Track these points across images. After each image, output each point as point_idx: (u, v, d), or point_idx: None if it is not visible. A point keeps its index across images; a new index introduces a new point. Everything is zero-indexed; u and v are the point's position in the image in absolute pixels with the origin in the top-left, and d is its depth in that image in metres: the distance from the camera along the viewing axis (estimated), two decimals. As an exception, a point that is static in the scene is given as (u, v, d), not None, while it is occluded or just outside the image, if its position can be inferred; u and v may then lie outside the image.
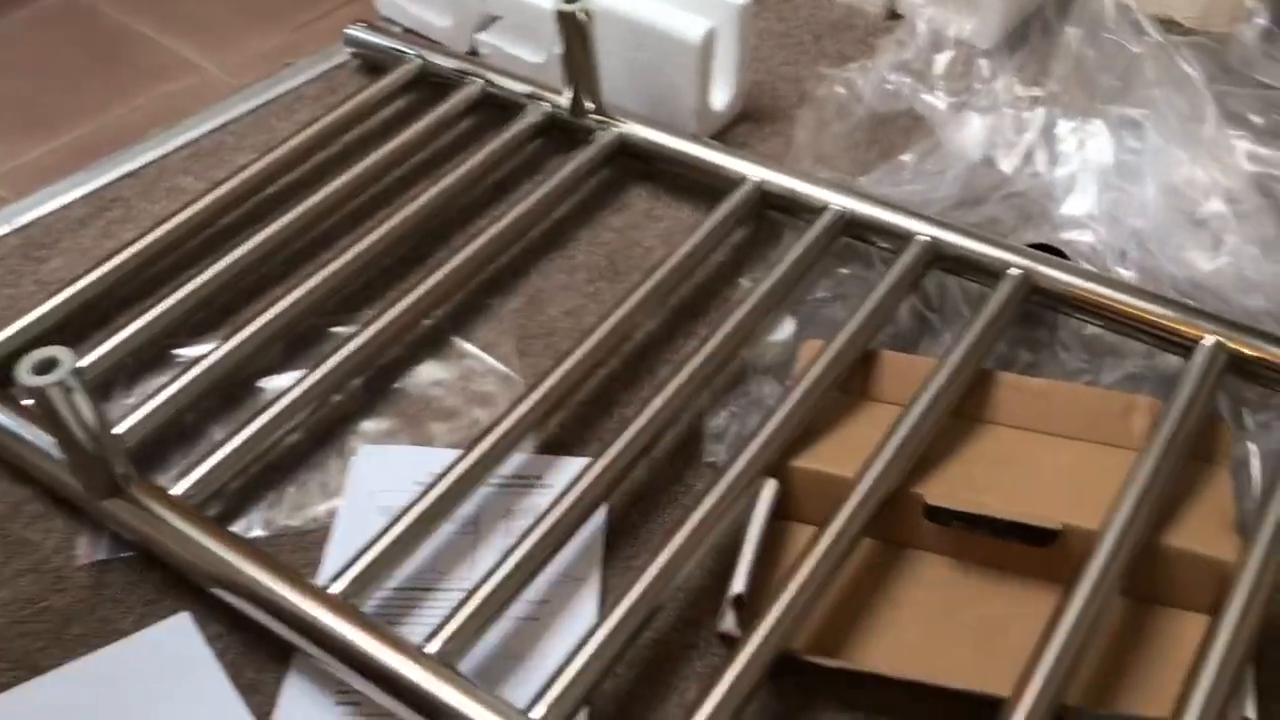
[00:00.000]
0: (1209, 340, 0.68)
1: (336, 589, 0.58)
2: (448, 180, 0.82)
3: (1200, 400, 0.66)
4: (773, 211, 0.82)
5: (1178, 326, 0.70)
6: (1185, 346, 0.69)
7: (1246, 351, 0.68)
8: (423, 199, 0.81)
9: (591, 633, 0.55)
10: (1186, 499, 0.63)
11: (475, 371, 0.73)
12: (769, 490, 0.64)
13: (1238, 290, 0.74)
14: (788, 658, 0.58)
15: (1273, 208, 0.80)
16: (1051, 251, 0.77)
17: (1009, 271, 0.73)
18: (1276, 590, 0.57)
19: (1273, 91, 0.89)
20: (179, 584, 0.62)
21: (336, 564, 0.60)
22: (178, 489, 0.63)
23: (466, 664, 0.57)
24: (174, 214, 0.80)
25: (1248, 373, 0.69)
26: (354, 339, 0.70)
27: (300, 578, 0.59)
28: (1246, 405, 0.70)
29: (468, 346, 0.75)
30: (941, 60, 0.91)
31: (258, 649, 0.60)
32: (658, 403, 0.66)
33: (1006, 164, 0.85)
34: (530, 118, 0.87)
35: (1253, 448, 0.67)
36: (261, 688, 0.59)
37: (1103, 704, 0.57)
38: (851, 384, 0.70)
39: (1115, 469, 0.63)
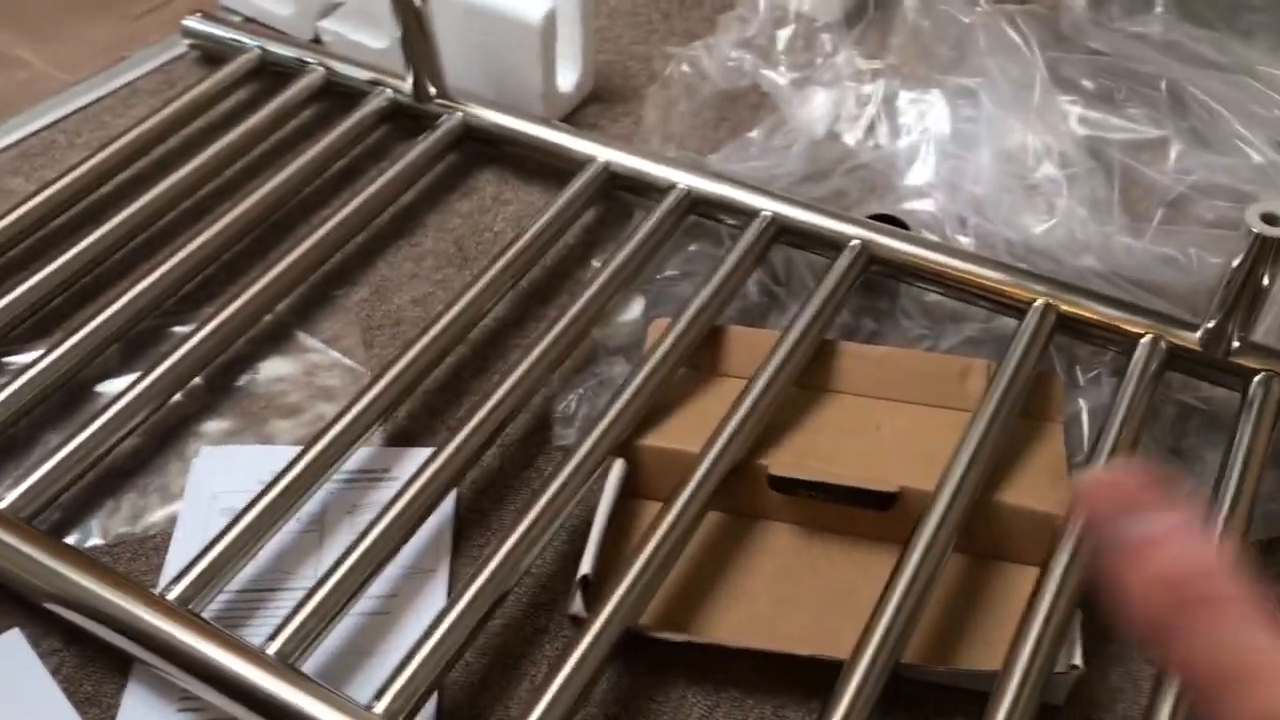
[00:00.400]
0: (1039, 301, 0.71)
1: (173, 595, 0.57)
2: (289, 171, 0.80)
3: (1031, 360, 0.68)
4: (622, 192, 0.82)
5: (1011, 290, 0.72)
6: (1018, 309, 0.71)
7: (1075, 311, 0.71)
8: (263, 190, 0.79)
9: (437, 622, 0.55)
10: (1020, 456, 0.66)
11: (320, 366, 0.72)
12: (617, 470, 0.64)
13: (1069, 251, 0.77)
14: (636, 635, 0.58)
15: (1103, 170, 0.83)
16: (893, 222, 0.79)
17: (849, 243, 0.74)
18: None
19: (1102, 57, 0.92)
20: (10, 599, 0.60)
21: (176, 570, 0.58)
22: (5, 501, 0.61)
23: (311, 663, 0.56)
24: (2, 216, 0.77)
25: (1077, 331, 0.71)
26: (193, 337, 0.69)
27: (136, 586, 0.57)
28: (1078, 363, 0.72)
29: (311, 341, 0.73)
30: (783, 35, 0.92)
31: (96, 661, 0.58)
32: (505, 388, 0.66)
33: (850, 137, 0.86)
34: (373, 105, 0.86)
35: (1083, 403, 0.70)
36: (100, 700, 0.57)
37: (940, 660, 0.58)
38: (700, 360, 0.71)
39: (953, 430, 0.65)
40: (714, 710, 0.58)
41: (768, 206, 0.77)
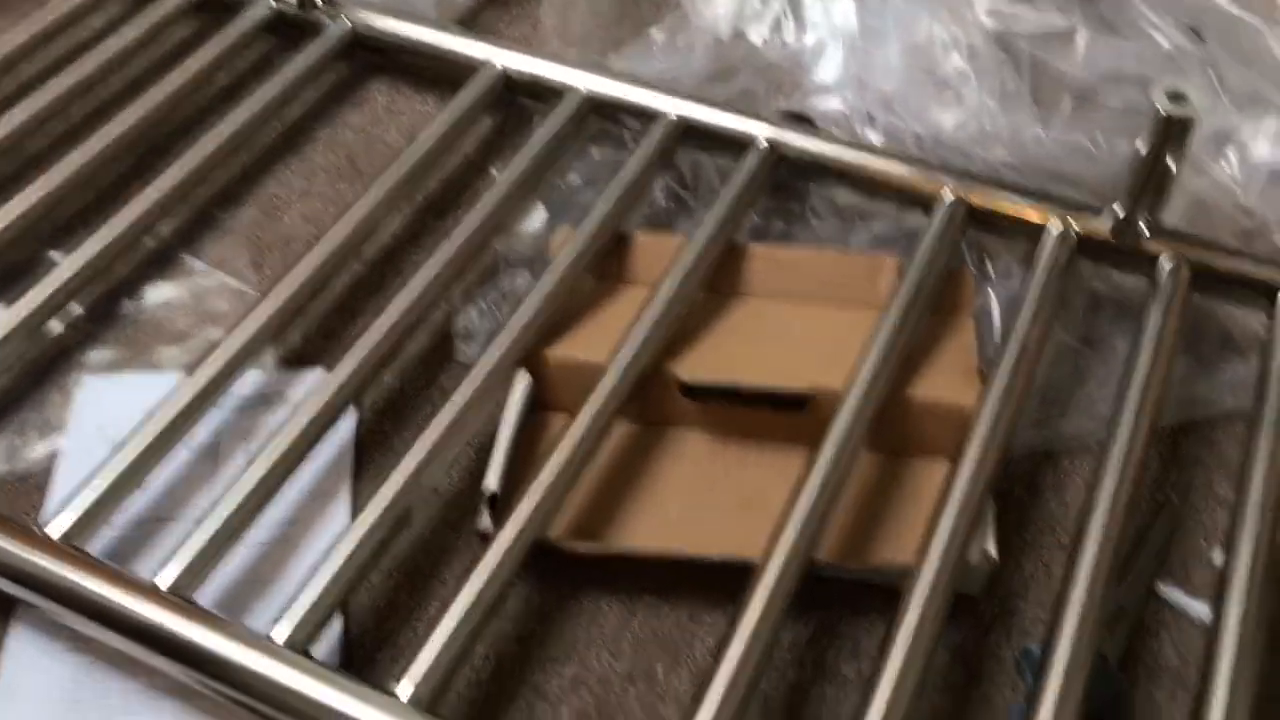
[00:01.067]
0: (948, 195, 0.69)
1: (56, 531, 0.54)
2: (168, 87, 0.76)
3: (941, 255, 0.67)
4: (520, 98, 0.79)
5: (920, 184, 0.71)
6: (928, 203, 0.70)
7: (985, 203, 0.70)
8: (142, 109, 0.74)
9: (337, 544, 0.53)
10: (931, 351, 0.65)
11: (208, 289, 0.68)
12: (521, 383, 0.62)
13: (978, 144, 0.76)
14: (547, 548, 0.57)
15: (1011, 62, 0.82)
16: (801, 120, 0.77)
17: (756, 143, 0.72)
18: (1013, 430, 0.59)
19: (1009, -53, 0.90)
20: (-118, 547, 0.57)
21: (59, 505, 0.55)
22: None
23: (208, 595, 0.54)
24: None
25: (987, 224, 0.70)
26: (69, 263, 0.65)
27: (16, 524, 0.54)
28: (990, 256, 0.72)
29: (198, 264, 0.70)
30: (685, -70, 0.89)
31: (-22, 605, 0.56)
32: (402, 304, 0.63)
33: (756, 35, 0.84)
34: (253, 13, 0.81)
35: (994, 296, 0.69)
36: (-16, 645, 0.55)
37: (853, 558, 0.58)
38: (606, 269, 0.69)
39: (864, 329, 0.64)
40: (630, 619, 0.57)
41: (671, 108, 0.74)
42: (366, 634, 0.56)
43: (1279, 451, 0.58)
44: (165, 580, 0.52)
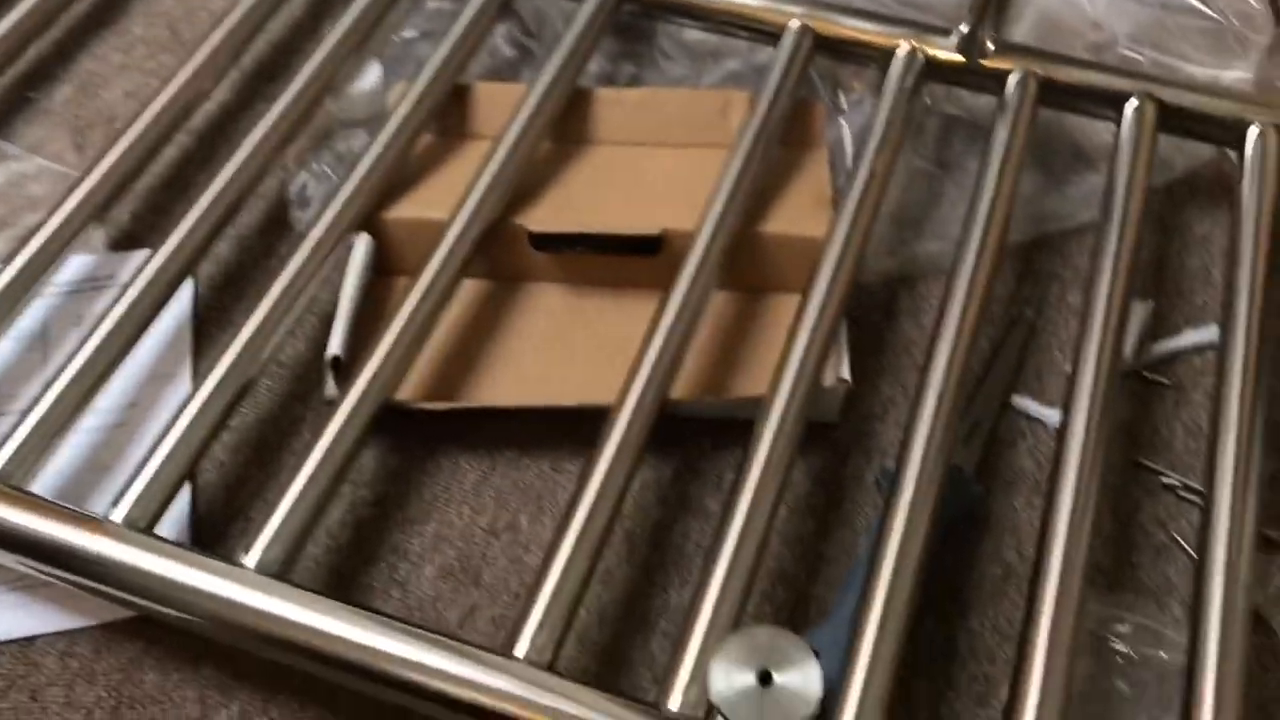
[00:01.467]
0: (795, 24, 0.68)
1: (-128, 433, 0.51)
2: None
3: (789, 86, 0.65)
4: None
5: (766, 15, 0.69)
6: (775, 34, 0.68)
7: (832, 30, 0.68)
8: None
9: (175, 419, 0.51)
10: (784, 184, 0.64)
11: (25, 175, 0.64)
12: (361, 245, 0.60)
13: (826, -27, 0.74)
14: (400, 410, 0.56)
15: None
16: (645, -42, 0.74)
17: (597, -18, 0.70)
18: (863, 256, 0.59)
19: None
20: None
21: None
22: None
23: (44, 483, 0.52)
24: None
25: (835, 51, 0.69)
26: None
27: None
28: (841, 87, 0.70)
29: (12, 149, 0.66)
30: None
31: None
32: (230, 172, 0.60)
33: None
34: (52, -123, 0.75)
35: (846, 126, 0.68)
36: None
37: (710, 394, 0.57)
38: (448, 123, 0.66)
39: (716, 168, 0.63)
40: (490, 474, 0.56)
41: (507, -49, 0.71)
42: (217, 511, 0.54)
43: (1124, 260, 0.58)
44: (-7, 471, 0.50)
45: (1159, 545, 0.55)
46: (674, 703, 0.44)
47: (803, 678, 0.35)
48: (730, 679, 0.35)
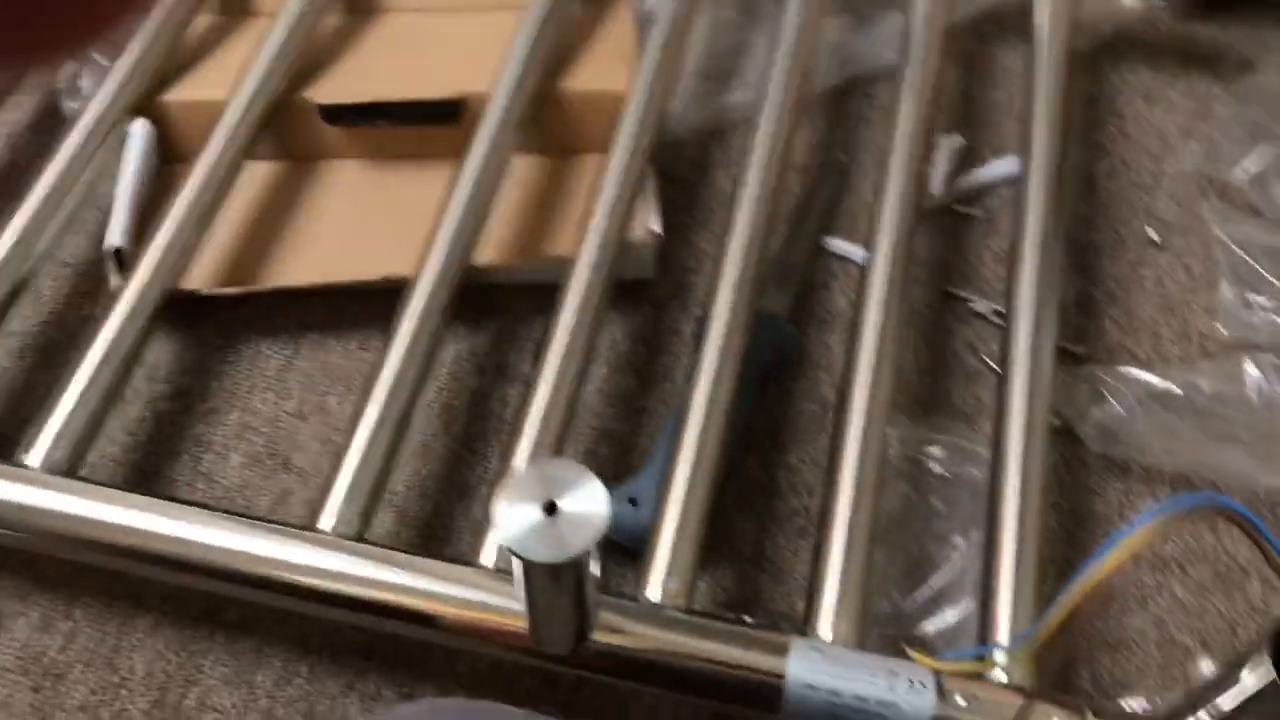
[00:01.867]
0: (587, -124, 0.65)
1: None
2: None
3: (584, -61, 0.63)
4: None
5: None
6: (569, -111, 0.66)
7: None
8: None
9: (-59, 330, 0.48)
10: (587, 42, 0.62)
11: None
12: (138, 132, 0.56)
13: None
14: (192, 299, 0.53)
15: None
16: None
17: None
18: (666, 109, 0.58)
19: None
20: None
21: None
22: None
23: None
24: None
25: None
26: None
27: None
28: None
29: None
30: None
31: None
32: (-12, 65, 0.56)
33: None
34: None
35: (649, -21, 0.66)
36: None
37: (517, 257, 0.56)
38: (229, 1, 0.63)
39: (513, 29, 0.61)
40: (294, 358, 0.54)
41: None
42: (4, 419, 0.52)
43: (923, 97, 0.58)
44: None
45: (971, 369, 0.56)
46: (487, 558, 0.44)
47: (588, 501, 0.35)
48: (515, 516, 0.35)
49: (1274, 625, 0.33)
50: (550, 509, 0.35)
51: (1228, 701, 0.35)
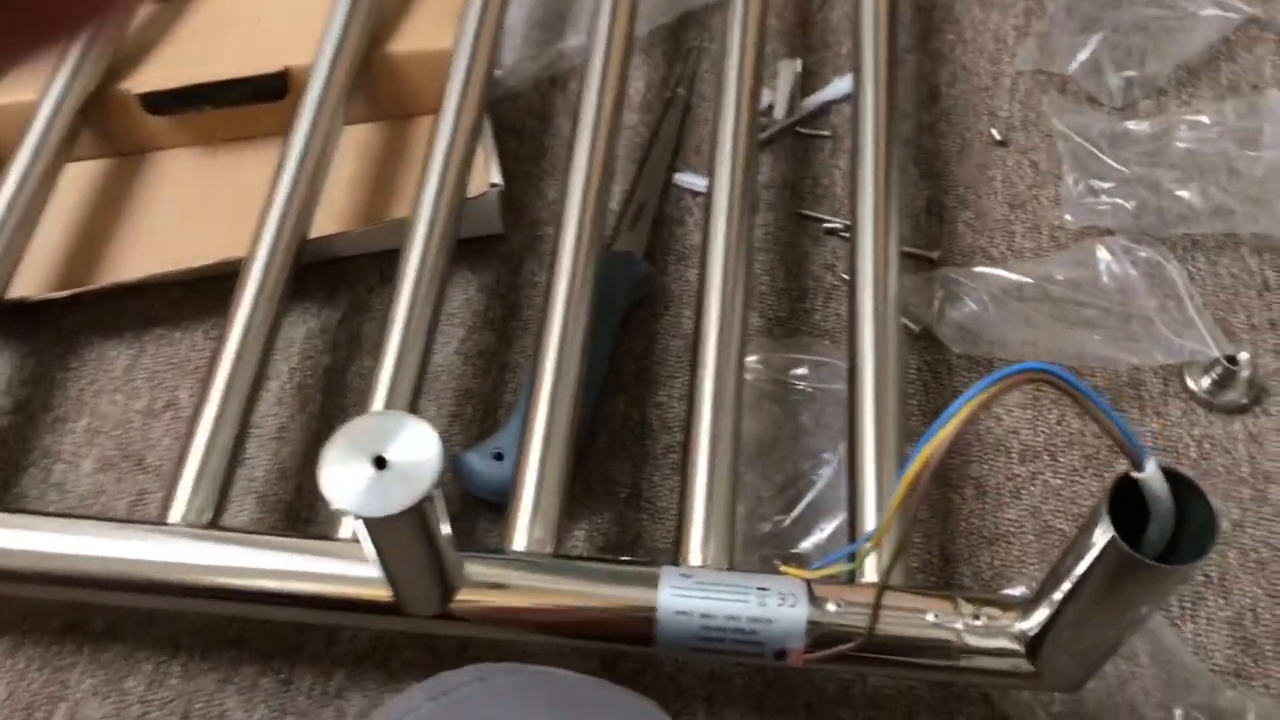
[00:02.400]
0: None
1: None
2: None
3: (397, -102, 0.62)
4: None
5: None
6: None
7: None
8: None
9: None
10: (411, 3, 0.60)
11: None
12: (-52, 141, 0.54)
13: None
14: (23, 307, 0.51)
15: None
16: None
17: None
18: (494, 61, 0.57)
19: None
20: None
21: None
22: None
23: None
24: None
25: None
26: None
27: None
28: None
29: None
30: None
31: None
32: None
33: None
34: None
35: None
36: None
37: (359, 222, 0.55)
38: None
39: (334, -2, 0.59)
40: (140, 356, 0.53)
41: None
42: None
43: (751, 21, 0.57)
44: None
45: (829, 287, 0.56)
46: (345, 531, 0.43)
47: (419, 449, 0.34)
48: (343, 475, 0.34)
49: (1113, 484, 0.33)
50: (380, 463, 0.34)
51: (1080, 566, 0.35)
